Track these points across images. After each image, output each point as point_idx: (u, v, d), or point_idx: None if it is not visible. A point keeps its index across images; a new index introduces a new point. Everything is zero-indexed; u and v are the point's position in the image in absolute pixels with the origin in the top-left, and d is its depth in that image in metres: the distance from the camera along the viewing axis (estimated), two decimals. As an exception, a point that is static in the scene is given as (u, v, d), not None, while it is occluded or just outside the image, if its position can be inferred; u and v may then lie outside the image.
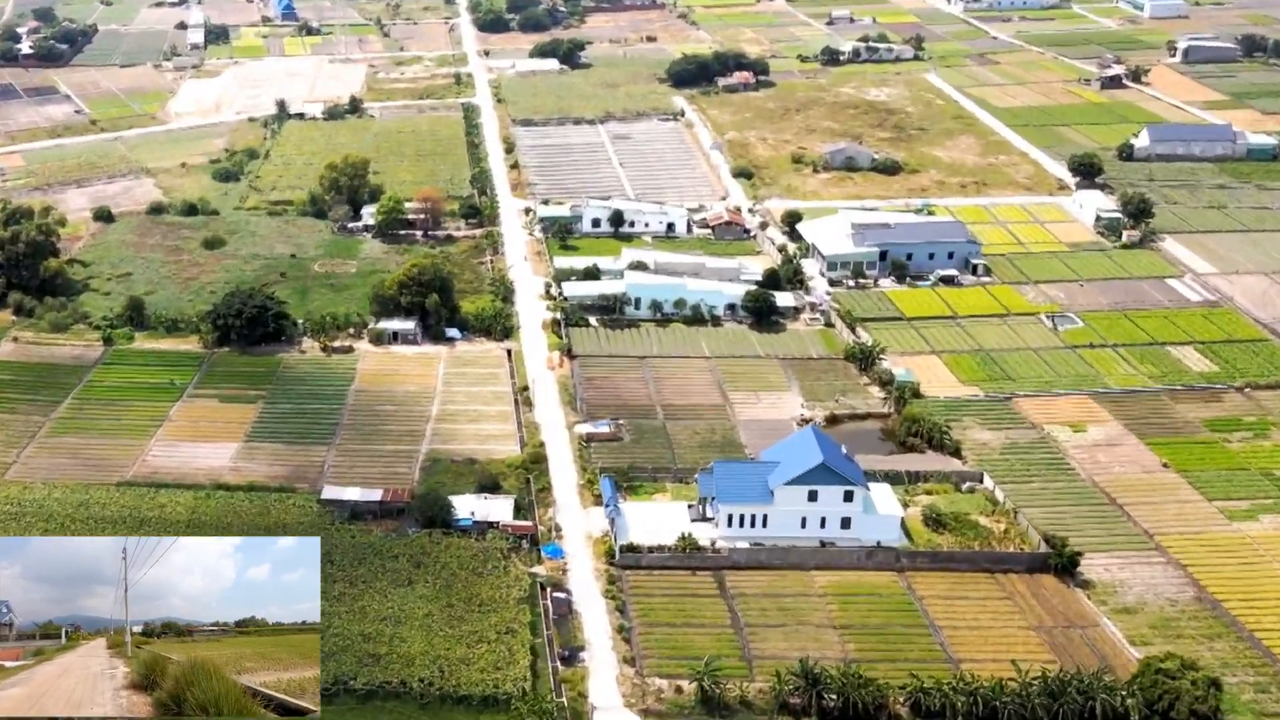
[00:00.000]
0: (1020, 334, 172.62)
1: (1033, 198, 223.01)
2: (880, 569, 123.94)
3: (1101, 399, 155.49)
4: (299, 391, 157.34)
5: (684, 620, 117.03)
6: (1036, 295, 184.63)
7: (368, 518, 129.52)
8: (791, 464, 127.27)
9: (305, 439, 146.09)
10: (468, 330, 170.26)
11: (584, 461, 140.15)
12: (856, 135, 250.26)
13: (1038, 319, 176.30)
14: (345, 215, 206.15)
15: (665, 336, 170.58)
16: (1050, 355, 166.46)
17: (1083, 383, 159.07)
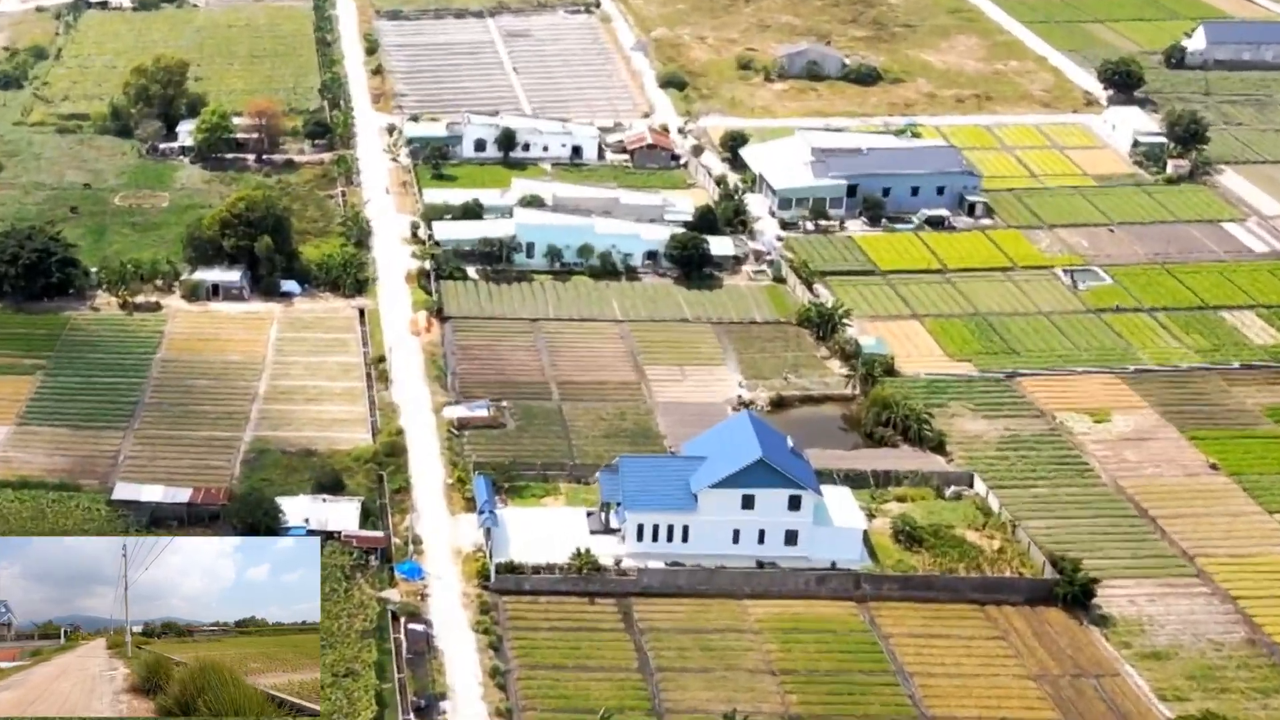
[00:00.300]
0: (1029, 294, 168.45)
1: (1051, 116, 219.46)
2: (835, 598, 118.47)
3: (1133, 380, 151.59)
4: (89, 360, 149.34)
5: (577, 662, 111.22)
6: (1052, 243, 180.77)
7: (172, 523, 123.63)
8: (721, 460, 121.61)
9: (95, 422, 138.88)
10: (309, 283, 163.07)
11: (454, 455, 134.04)
12: (823, 34, 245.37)
13: (1052, 274, 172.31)
14: (156, 133, 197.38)
15: (565, 293, 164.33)
16: (1068, 322, 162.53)
17: (1109, 358, 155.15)
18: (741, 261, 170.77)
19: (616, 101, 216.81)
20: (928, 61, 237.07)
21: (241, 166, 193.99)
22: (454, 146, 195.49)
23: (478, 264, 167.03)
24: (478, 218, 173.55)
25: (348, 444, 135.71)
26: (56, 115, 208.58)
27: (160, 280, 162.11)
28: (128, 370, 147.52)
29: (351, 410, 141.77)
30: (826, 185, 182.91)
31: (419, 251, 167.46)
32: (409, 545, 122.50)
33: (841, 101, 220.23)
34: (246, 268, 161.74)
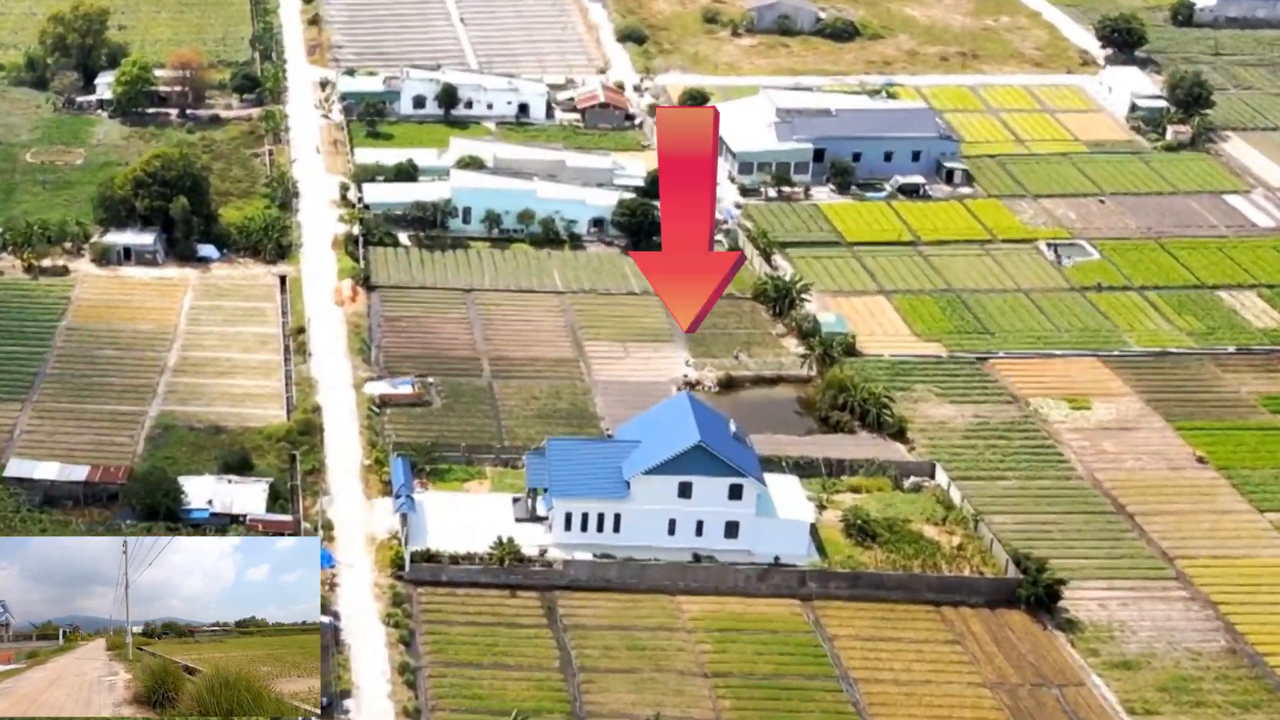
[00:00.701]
0: (1008, 269, 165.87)
1: (1043, 76, 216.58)
2: (777, 596, 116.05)
3: (1117, 363, 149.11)
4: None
5: (494, 659, 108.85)
6: (1036, 215, 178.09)
7: (67, 503, 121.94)
8: (656, 444, 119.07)
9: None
10: (228, 247, 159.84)
11: (374, 434, 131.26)
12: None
13: (1035, 248, 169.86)
14: (73, 86, 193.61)
15: (504, 262, 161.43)
16: (1049, 300, 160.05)
17: (1092, 340, 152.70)
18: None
19: (570, 56, 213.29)
20: (911, 16, 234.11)
21: (163, 122, 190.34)
22: (391, 103, 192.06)
23: (411, 229, 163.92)
24: (412, 180, 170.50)
25: (260, 421, 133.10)
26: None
27: (70, 243, 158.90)
28: (29, 338, 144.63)
29: (266, 385, 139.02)
30: (791, 149, 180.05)
31: (347, 215, 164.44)
32: (318, 531, 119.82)
33: (814, 59, 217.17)
34: (161, 230, 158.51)
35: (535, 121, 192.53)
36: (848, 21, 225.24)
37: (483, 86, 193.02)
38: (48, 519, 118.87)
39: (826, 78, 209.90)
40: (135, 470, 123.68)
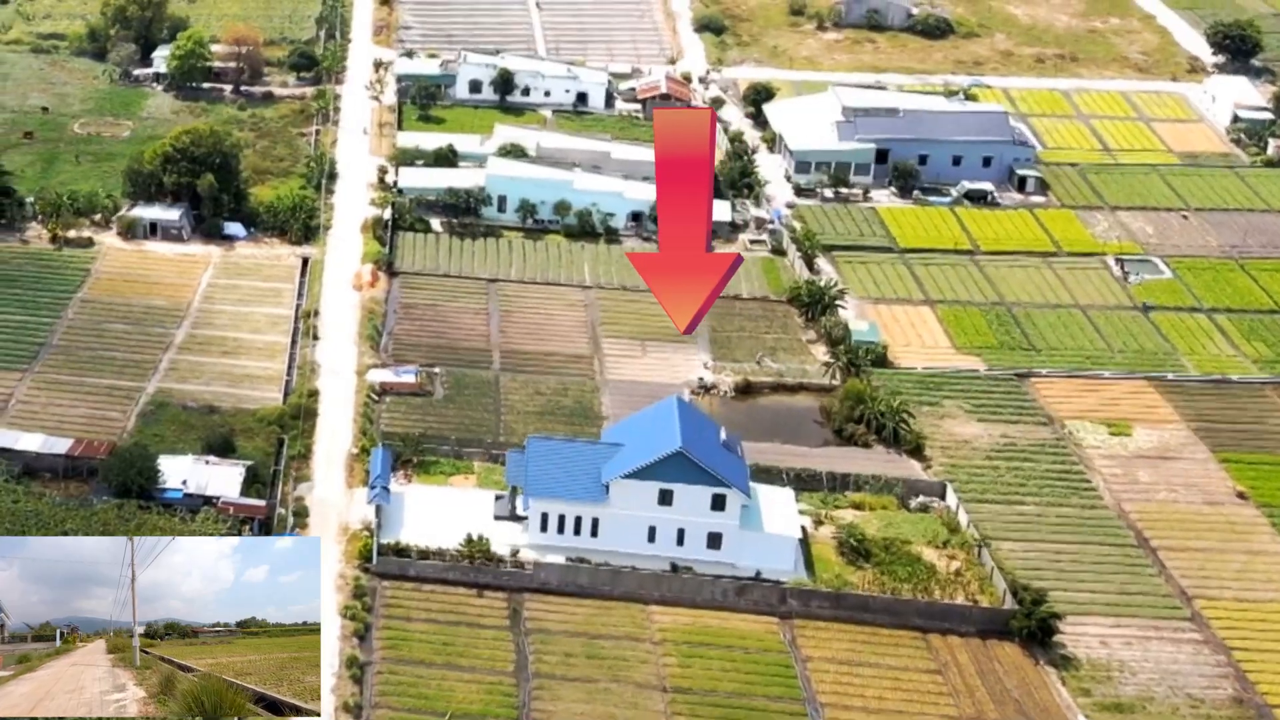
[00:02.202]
0: (1068, 283, 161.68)
1: (1144, 83, 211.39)
2: (755, 612, 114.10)
3: (1169, 389, 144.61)
4: (5, 295, 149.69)
5: (447, 659, 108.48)
6: (1110, 228, 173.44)
7: (46, 475, 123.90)
8: (638, 449, 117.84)
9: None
10: (256, 226, 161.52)
11: (368, 422, 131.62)
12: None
13: (1102, 263, 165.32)
14: (130, 58, 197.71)
15: (534, 253, 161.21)
16: (1108, 318, 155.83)
17: (1146, 362, 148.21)
18: (739, 229, 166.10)
19: (642, 45, 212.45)
20: (1013, 14, 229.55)
21: (216, 97, 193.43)
22: (447, 87, 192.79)
23: (446, 215, 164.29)
24: (452, 165, 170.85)
25: (255, 403, 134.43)
26: (35, 34, 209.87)
27: (100, 215, 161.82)
28: (41, 309, 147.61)
29: (268, 367, 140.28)
30: (852, 149, 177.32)
31: (378, 199, 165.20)
32: (290, 517, 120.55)
33: (900, 56, 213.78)
34: (189, 207, 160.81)
35: (594, 111, 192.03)
36: (941, 18, 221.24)
37: (541, 73, 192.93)
38: (21, 490, 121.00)
39: (909, 76, 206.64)
40: (118, 446, 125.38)
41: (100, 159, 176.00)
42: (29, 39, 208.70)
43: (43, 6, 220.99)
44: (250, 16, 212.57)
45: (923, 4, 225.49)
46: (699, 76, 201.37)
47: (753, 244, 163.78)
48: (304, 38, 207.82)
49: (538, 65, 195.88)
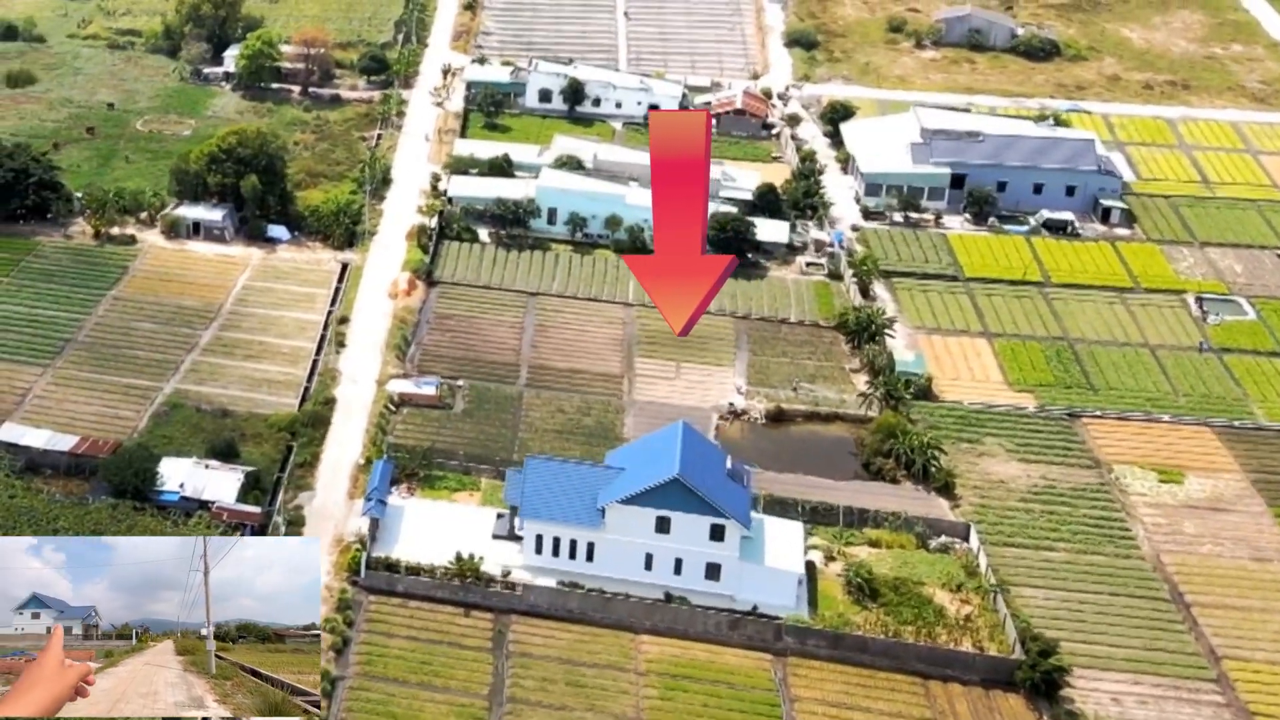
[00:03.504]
0: (1141, 321, 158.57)
1: (1257, 114, 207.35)
2: (748, 647, 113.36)
3: (1232, 436, 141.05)
4: (40, 290, 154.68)
5: (422, 679, 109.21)
6: (1196, 265, 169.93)
7: (47, 471, 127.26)
8: (638, 473, 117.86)
9: (19, 355, 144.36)
10: (300, 230, 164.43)
11: (381, 433, 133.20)
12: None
13: (1181, 301, 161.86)
14: (201, 56, 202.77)
15: (580, 268, 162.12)
16: (1177, 359, 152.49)
17: (1212, 407, 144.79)
18: (797, 251, 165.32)
19: (727, 58, 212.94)
20: (1126, 38, 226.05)
21: (283, 98, 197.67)
22: (517, 95, 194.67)
23: (495, 226, 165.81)
24: (506, 175, 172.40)
25: (270, 408, 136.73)
26: (113, 30, 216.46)
27: (146, 213, 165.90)
28: (74, 304, 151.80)
29: (290, 372, 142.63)
30: (925, 173, 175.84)
31: (426, 207, 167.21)
32: (282, 526, 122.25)
33: (999, 78, 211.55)
34: (234, 208, 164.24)
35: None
36: (1047, 40, 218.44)
37: (612, 84, 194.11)
38: (20, 486, 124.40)
39: (1004, 99, 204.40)
40: (121, 446, 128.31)
41: (157, 157, 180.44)
42: (107, 34, 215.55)
43: (124, 3, 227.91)
44: (329, 18, 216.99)
45: (1029, 25, 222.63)
46: (778, 92, 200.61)
47: (809, 267, 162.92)
48: (380, 41, 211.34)
49: (610, 76, 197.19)
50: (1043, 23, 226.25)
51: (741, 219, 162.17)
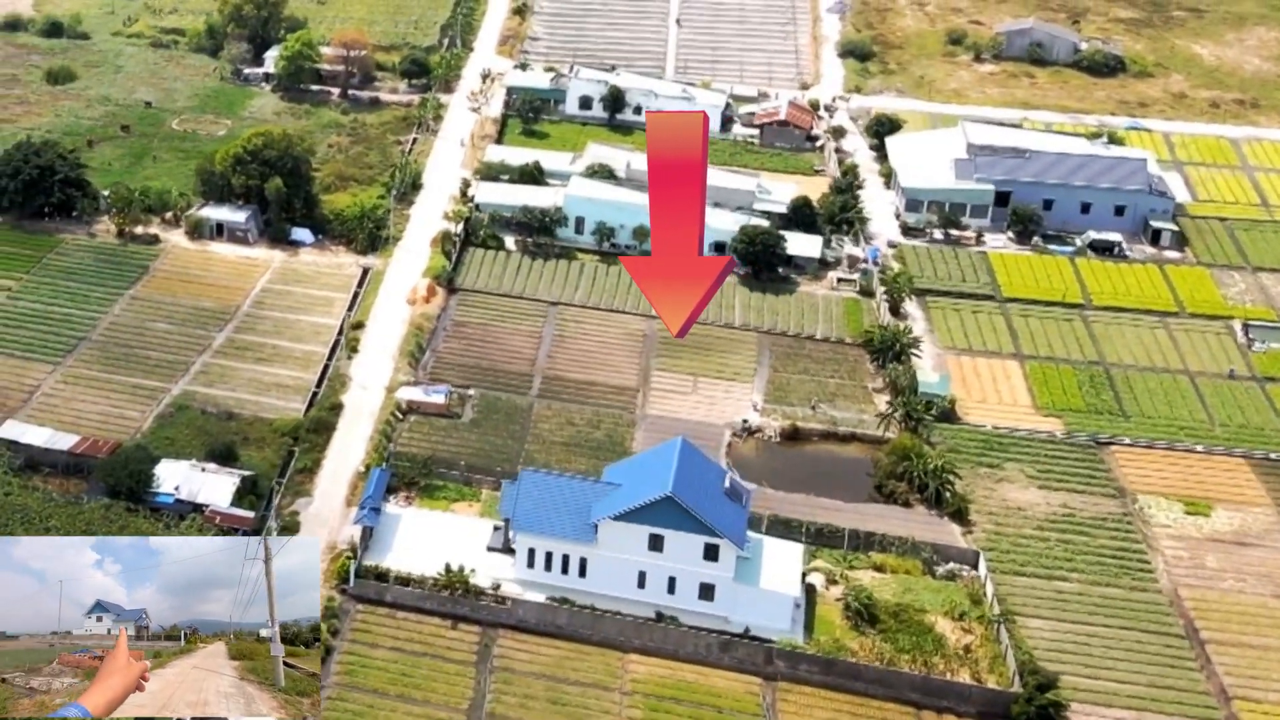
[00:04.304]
0: (1182, 347, 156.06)
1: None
2: (738, 670, 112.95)
3: (1268, 469, 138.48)
4: (59, 287, 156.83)
5: (401, 691, 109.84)
6: (1247, 290, 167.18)
7: (46, 470, 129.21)
8: (633, 489, 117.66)
9: (31, 352, 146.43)
10: (324, 233, 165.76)
11: (386, 440, 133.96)
12: (1078, 10, 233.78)
13: (1227, 327, 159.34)
14: (242, 57, 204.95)
15: (605, 278, 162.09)
16: (1216, 387, 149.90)
17: (1250, 438, 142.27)
18: (830, 266, 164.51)
19: (777, 68, 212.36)
20: (1197, 55, 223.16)
21: (322, 100, 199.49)
22: (558, 102, 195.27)
23: (522, 234, 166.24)
24: (536, 182, 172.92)
25: (276, 412, 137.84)
26: (157, 28, 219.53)
27: (171, 213, 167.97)
28: (90, 303, 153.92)
29: (300, 377, 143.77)
30: (969, 189, 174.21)
31: (452, 213, 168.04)
32: (274, 531, 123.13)
33: (1058, 93, 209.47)
34: (258, 210, 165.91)
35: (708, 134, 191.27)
36: (1112, 55, 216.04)
37: (654, 92, 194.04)
38: (17, 484, 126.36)
39: (1062, 115, 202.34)
40: (121, 447, 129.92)
41: (189, 157, 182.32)
42: (151, 33, 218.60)
43: (171, 1, 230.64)
44: (375, 20, 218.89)
45: (1094, 40, 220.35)
46: (825, 104, 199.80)
47: (841, 283, 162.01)
48: (425, 44, 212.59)
49: (651, 84, 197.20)
50: (1109, 37, 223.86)
51: (771, 232, 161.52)
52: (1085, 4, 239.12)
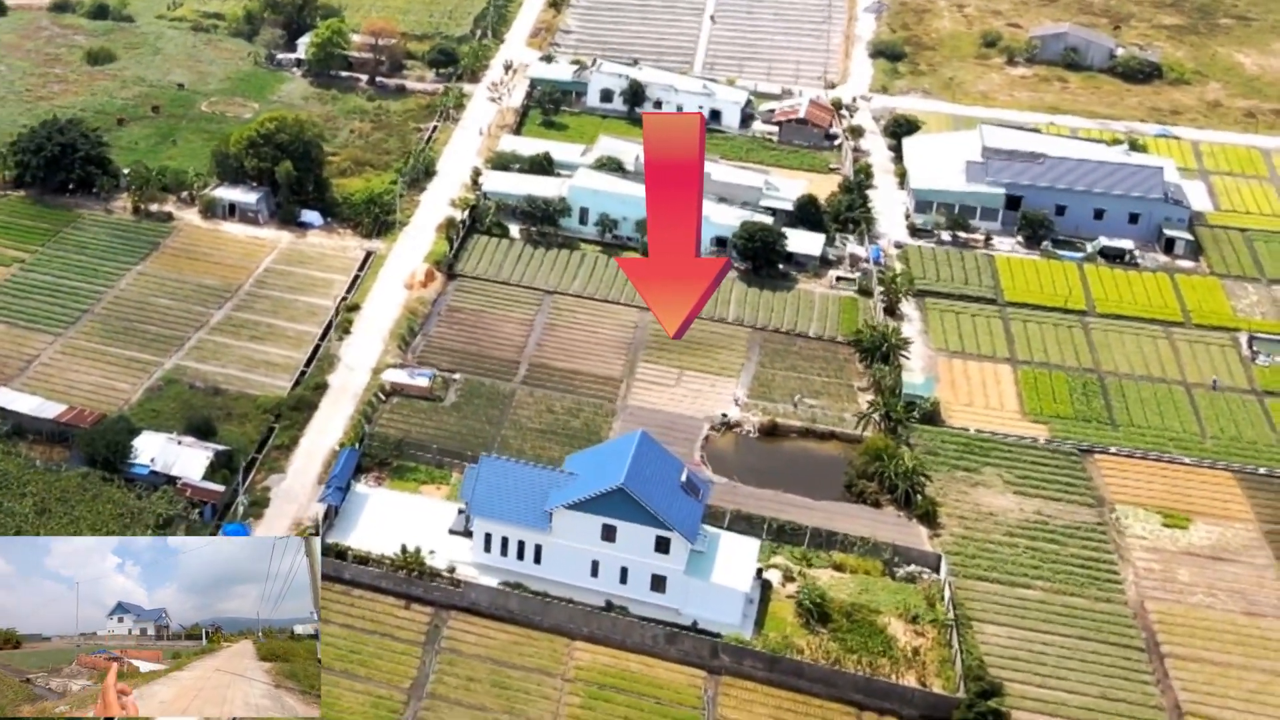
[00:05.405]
0: (1183, 358, 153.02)
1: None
2: (684, 662, 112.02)
3: (1255, 483, 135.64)
4: (70, 261, 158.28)
5: (347, 668, 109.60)
6: (1259, 303, 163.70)
7: (31, 437, 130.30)
8: (589, 479, 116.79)
9: (36, 323, 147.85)
10: (333, 216, 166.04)
11: (365, 421, 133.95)
12: (1120, 15, 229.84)
13: (1232, 340, 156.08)
14: (275, 42, 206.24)
15: (604, 268, 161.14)
16: (1216, 401, 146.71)
17: (1240, 452, 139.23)
18: (831, 265, 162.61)
19: (805, 66, 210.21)
20: (1238, 63, 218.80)
21: (349, 86, 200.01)
22: (579, 94, 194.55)
23: (526, 223, 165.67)
24: (546, 173, 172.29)
25: (261, 389, 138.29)
26: (199, 12, 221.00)
27: (187, 192, 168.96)
28: (99, 277, 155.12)
29: (289, 356, 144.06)
30: (977, 192, 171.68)
31: (459, 201, 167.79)
32: (240, 507, 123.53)
33: (1089, 98, 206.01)
34: (270, 192, 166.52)
35: (726, 130, 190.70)
36: (1148, 61, 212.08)
37: (674, 87, 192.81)
38: (4, 449, 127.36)
39: (1090, 120, 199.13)
40: (105, 418, 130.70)
41: (213, 138, 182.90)
42: (193, 16, 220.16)
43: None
44: (411, 9, 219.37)
45: (1131, 46, 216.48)
46: (846, 103, 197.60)
47: (840, 281, 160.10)
48: (457, 34, 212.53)
49: (672, 79, 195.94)
50: (1149, 44, 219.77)
51: (771, 229, 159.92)
52: (1130, 10, 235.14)
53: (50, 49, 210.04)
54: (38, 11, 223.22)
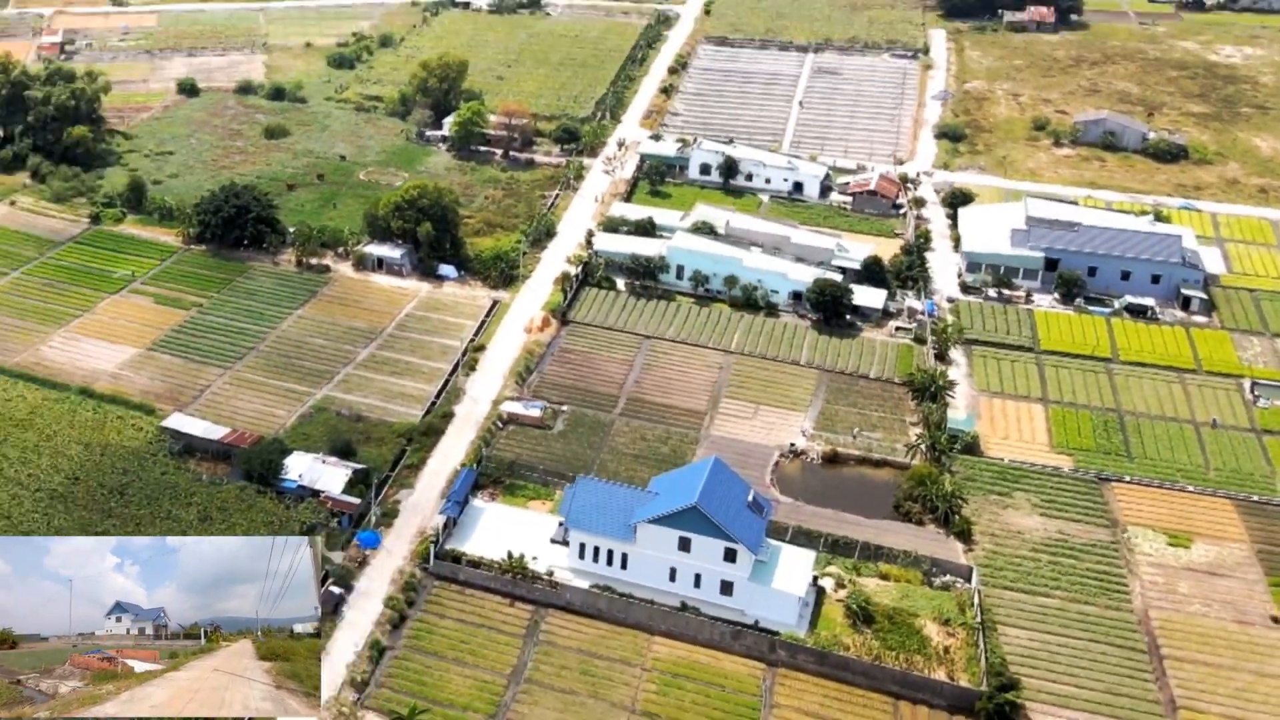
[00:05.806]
0: (1194, 401, 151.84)
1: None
2: (746, 656, 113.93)
3: (1249, 509, 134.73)
4: (242, 305, 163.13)
5: (458, 655, 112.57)
6: (1261, 354, 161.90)
7: (198, 456, 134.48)
8: (668, 498, 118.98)
9: (209, 358, 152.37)
10: (466, 270, 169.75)
11: (484, 445, 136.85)
12: (1154, 104, 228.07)
13: (1237, 385, 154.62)
14: (425, 121, 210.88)
15: (695, 318, 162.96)
16: (1220, 438, 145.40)
17: (1240, 483, 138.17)
18: (892, 316, 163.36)
19: (877, 145, 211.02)
20: (1255, 146, 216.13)
21: (486, 159, 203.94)
22: (682, 168, 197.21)
23: (630, 278, 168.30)
24: (649, 235, 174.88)
25: (397, 417, 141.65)
26: (363, 95, 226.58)
27: (342, 248, 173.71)
28: (264, 319, 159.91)
29: (423, 389, 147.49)
30: (1020, 255, 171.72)
31: (573, 258, 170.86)
32: (373, 517, 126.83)
33: (1124, 175, 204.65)
34: (413, 248, 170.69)
35: (807, 199, 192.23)
36: (1175, 144, 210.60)
37: (763, 162, 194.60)
38: (173, 465, 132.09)
39: (1122, 194, 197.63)
40: (262, 439, 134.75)
41: (368, 203, 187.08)
42: (357, 99, 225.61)
43: (377, 73, 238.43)
44: (543, 94, 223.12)
45: (1161, 130, 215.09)
46: (911, 178, 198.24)
47: (898, 330, 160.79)
48: (580, 115, 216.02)
49: (761, 155, 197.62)
50: (1178, 129, 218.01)
51: (840, 285, 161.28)
52: (1163, 99, 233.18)
53: (234, 125, 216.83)
54: (224, 93, 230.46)
